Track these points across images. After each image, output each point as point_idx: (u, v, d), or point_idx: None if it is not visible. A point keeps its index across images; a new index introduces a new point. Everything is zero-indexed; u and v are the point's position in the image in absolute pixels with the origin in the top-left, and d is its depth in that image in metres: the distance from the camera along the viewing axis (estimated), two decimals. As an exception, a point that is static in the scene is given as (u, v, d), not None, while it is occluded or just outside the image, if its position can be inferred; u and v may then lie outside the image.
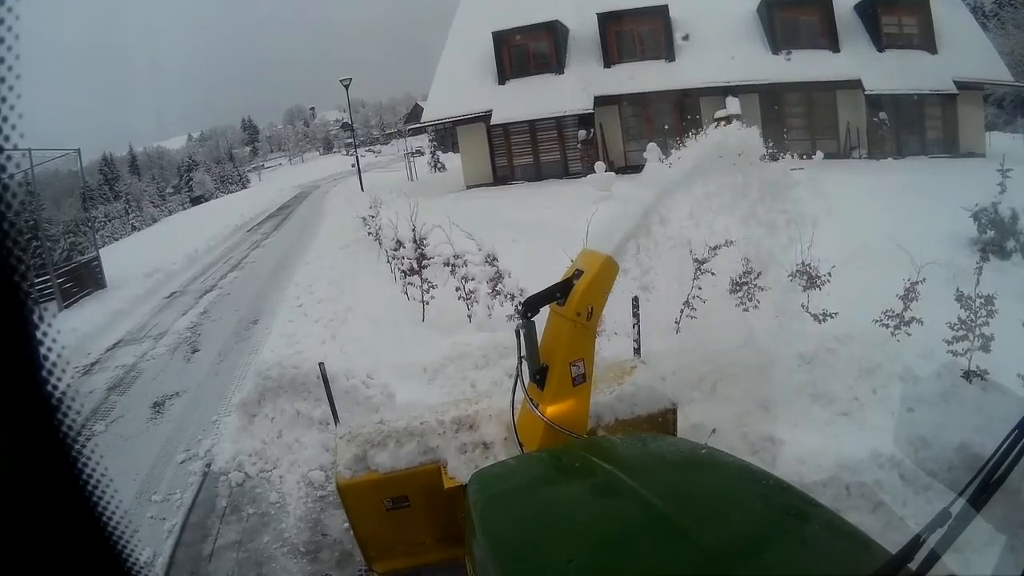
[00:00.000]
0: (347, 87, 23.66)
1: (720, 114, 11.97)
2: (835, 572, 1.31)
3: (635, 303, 4.15)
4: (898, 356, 4.01)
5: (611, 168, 14.10)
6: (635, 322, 4.26)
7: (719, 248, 4.80)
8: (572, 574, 1.40)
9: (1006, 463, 1.12)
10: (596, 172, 12.58)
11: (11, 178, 0.58)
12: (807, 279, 4.71)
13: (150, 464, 4.64)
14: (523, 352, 2.45)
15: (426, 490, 2.72)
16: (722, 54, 15.19)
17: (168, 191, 50.08)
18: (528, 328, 2.42)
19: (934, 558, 1.10)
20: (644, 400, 2.96)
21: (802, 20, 15.77)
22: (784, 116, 15.45)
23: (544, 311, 2.52)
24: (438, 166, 25.06)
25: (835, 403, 3.82)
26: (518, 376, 2.54)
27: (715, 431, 3.51)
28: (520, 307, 2.51)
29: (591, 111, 15.46)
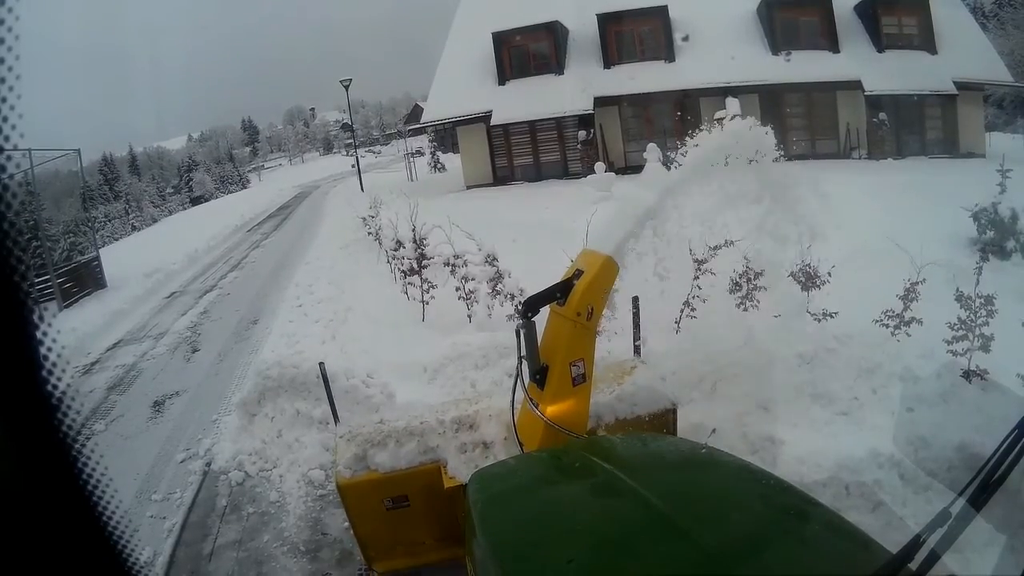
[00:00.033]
0: (347, 88, 23.68)
1: (720, 115, 11.95)
2: (835, 572, 1.31)
3: (635, 303, 4.15)
4: (898, 356, 4.01)
5: (611, 168, 14.11)
6: (635, 321, 4.26)
7: (719, 248, 4.80)
8: (572, 574, 1.40)
9: (1006, 463, 1.12)
10: (596, 172, 12.58)
11: (11, 178, 0.58)
12: (807, 279, 4.71)
13: (150, 463, 4.65)
14: (523, 352, 2.45)
15: (426, 490, 2.72)
16: (722, 55, 15.19)
17: (168, 191, 50.10)
18: (528, 328, 2.42)
19: (934, 558, 1.10)
20: (644, 400, 2.96)
21: (802, 21, 15.76)
22: (784, 117, 15.43)
23: (544, 311, 2.52)
24: (438, 166, 25.06)
25: (835, 403, 3.82)
26: (518, 376, 2.53)
27: (715, 431, 3.50)
28: (520, 307, 2.51)
29: (591, 112, 15.45)
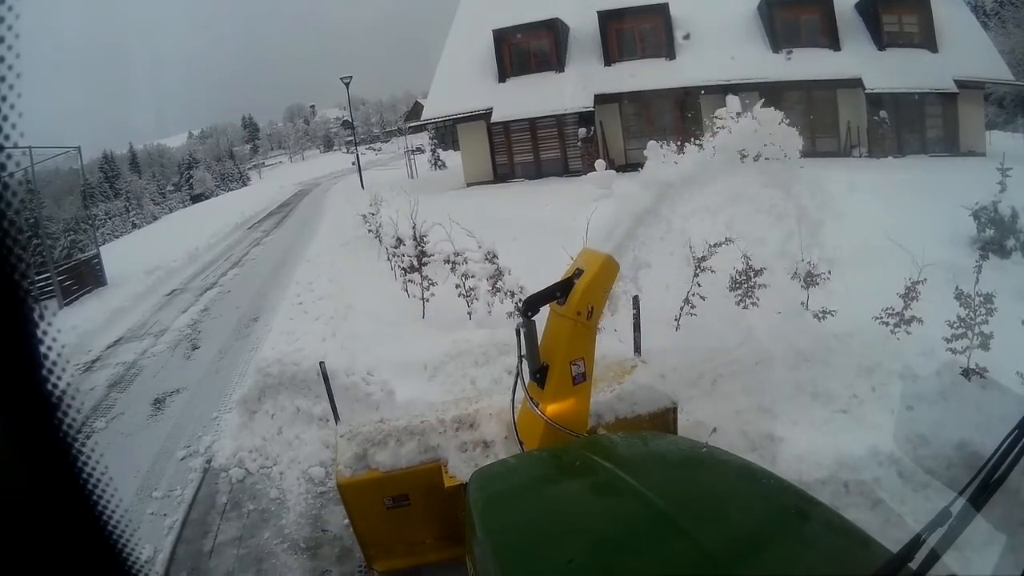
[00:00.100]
0: (347, 85, 23.62)
1: (720, 113, 11.91)
2: (836, 571, 1.31)
3: (635, 302, 4.14)
4: (898, 354, 4.01)
5: (611, 166, 14.07)
6: (635, 320, 4.25)
7: (719, 245, 4.80)
8: (572, 573, 1.40)
9: (1006, 463, 1.12)
10: (596, 170, 12.54)
11: (11, 176, 0.58)
12: (807, 277, 4.71)
13: (151, 461, 4.65)
14: (523, 351, 2.45)
15: (426, 489, 2.72)
16: (723, 53, 15.14)
17: (168, 189, 50.13)
18: (528, 327, 2.42)
19: (934, 557, 1.10)
20: (644, 399, 2.96)
21: (803, 19, 15.73)
22: (784, 114, 15.37)
23: (544, 310, 2.52)
24: (438, 164, 25.06)
25: (834, 401, 3.82)
26: (518, 375, 2.53)
27: (716, 430, 3.51)
28: (520, 306, 2.51)
29: (591, 109, 15.43)
